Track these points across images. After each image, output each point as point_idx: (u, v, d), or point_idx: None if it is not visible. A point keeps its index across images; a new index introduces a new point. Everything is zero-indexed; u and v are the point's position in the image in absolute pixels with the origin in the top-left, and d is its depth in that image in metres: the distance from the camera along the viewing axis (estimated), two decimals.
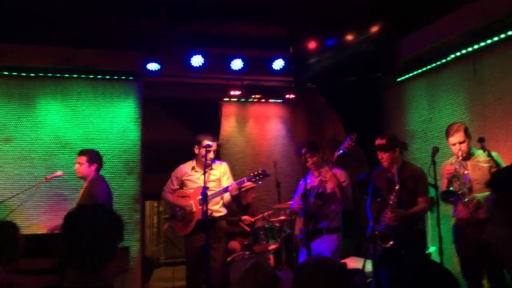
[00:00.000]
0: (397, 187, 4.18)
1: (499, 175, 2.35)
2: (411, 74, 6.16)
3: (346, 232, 5.06)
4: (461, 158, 4.07)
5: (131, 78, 6.11)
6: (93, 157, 4.99)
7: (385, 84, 6.71)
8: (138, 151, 6.06)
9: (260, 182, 5.36)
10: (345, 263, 5.54)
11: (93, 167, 4.95)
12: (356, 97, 6.71)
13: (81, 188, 4.98)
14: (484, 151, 3.87)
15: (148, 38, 5.89)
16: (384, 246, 4.15)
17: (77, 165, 4.94)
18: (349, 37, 6.12)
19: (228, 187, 4.82)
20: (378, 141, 4.51)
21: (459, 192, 4.00)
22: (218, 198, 4.95)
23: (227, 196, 4.92)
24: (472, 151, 4.16)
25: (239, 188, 4.94)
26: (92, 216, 1.92)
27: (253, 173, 4.86)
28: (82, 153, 5.00)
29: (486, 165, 3.98)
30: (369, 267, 4.87)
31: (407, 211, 4.25)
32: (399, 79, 6.37)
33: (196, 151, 4.92)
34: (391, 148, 4.43)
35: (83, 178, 4.97)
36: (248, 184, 5.27)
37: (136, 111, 6.11)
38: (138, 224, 5.96)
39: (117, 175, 5.88)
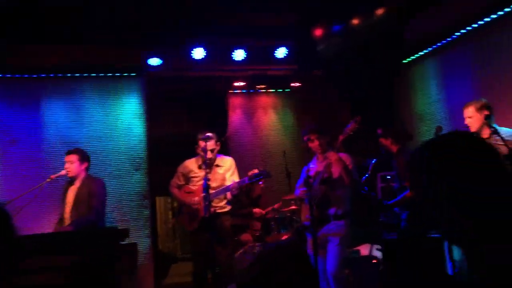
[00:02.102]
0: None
1: None
2: (418, 55, 6.03)
3: (356, 219, 4.97)
4: None
5: (133, 74, 6.10)
6: (84, 155, 4.91)
7: (393, 67, 6.57)
8: (144, 147, 6.06)
9: (260, 183, 5.37)
10: None
11: (84, 166, 4.87)
12: (364, 82, 6.60)
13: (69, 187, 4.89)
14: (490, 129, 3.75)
15: (149, 33, 5.85)
16: None
17: (67, 164, 4.83)
18: (355, 22, 5.99)
19: (229, 186, 4.78)
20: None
21: None
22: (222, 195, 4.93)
23: (229, 194, 4.89)
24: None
25: (240, 188, 4.88)
26: None
27: (254, 173, 4.81)
28: (72, 152, 4.90)
29: None
30: (377, 253, 4.77)
31: None
32: (405, 61, 6.23)
33: (198, 150, 4.90)
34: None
35: (74, 177, 4.86)
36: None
37: (141, 107, 6.10)
38: (148, 220, 5.96)
39: (124, 172, 5.89)
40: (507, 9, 4.63)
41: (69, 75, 5.93)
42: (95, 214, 4.67)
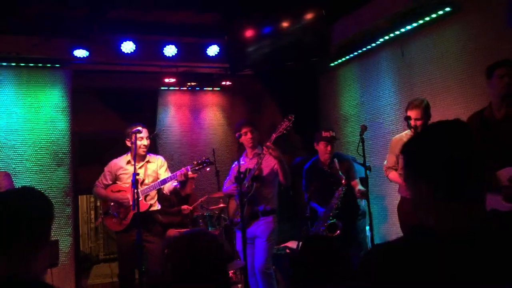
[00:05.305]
0: (344, 182, 4.51)
1: None
2: (343, 59, 6.26)
3: (284, 215, 5.09)
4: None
5: (57, 65, 5.79)
6: None
7: (320, 69, 6.80)
8: (68, 142, 5.77)
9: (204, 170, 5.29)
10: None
11: None
12: (293, 83, 6.78)
13: None
14: (410, 129, 3.96)
15: (75, 24, 5.61)
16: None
17: None
18: (285, 25, 6.13)
19: (176, 173, 4.61)
20: (330, 133, 4.79)
21: None
22: (153, 193, 4.78)
23: (168, 185, 4.74)
24: None
25: (185, 176, 4.69)
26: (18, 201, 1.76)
27: (196, 161, 4.67)
28: None
29: None
30: None
31: None
32: (332, 64, 6.46)
33: (128, 143, 4.73)
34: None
35: None
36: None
37: (64, 100, 5.80)
38: (70, 218, 5.70)
39: (45, 167, 5.59)
40: (421, 21, 4.95)
41: None
42: None
